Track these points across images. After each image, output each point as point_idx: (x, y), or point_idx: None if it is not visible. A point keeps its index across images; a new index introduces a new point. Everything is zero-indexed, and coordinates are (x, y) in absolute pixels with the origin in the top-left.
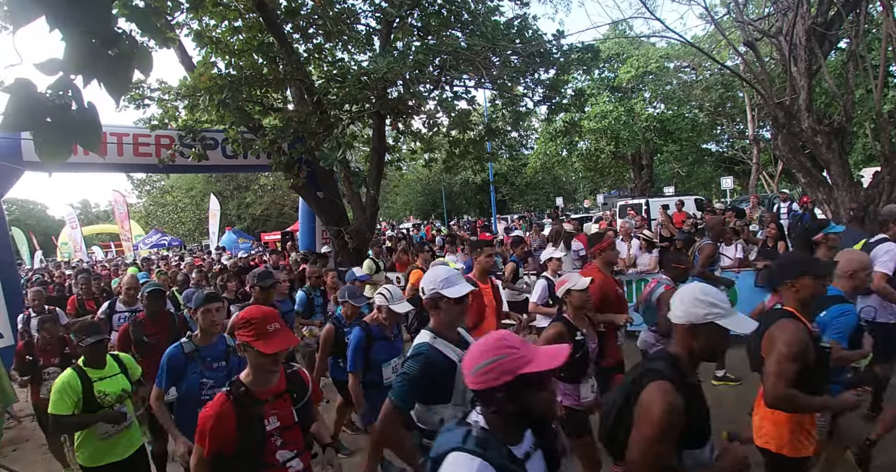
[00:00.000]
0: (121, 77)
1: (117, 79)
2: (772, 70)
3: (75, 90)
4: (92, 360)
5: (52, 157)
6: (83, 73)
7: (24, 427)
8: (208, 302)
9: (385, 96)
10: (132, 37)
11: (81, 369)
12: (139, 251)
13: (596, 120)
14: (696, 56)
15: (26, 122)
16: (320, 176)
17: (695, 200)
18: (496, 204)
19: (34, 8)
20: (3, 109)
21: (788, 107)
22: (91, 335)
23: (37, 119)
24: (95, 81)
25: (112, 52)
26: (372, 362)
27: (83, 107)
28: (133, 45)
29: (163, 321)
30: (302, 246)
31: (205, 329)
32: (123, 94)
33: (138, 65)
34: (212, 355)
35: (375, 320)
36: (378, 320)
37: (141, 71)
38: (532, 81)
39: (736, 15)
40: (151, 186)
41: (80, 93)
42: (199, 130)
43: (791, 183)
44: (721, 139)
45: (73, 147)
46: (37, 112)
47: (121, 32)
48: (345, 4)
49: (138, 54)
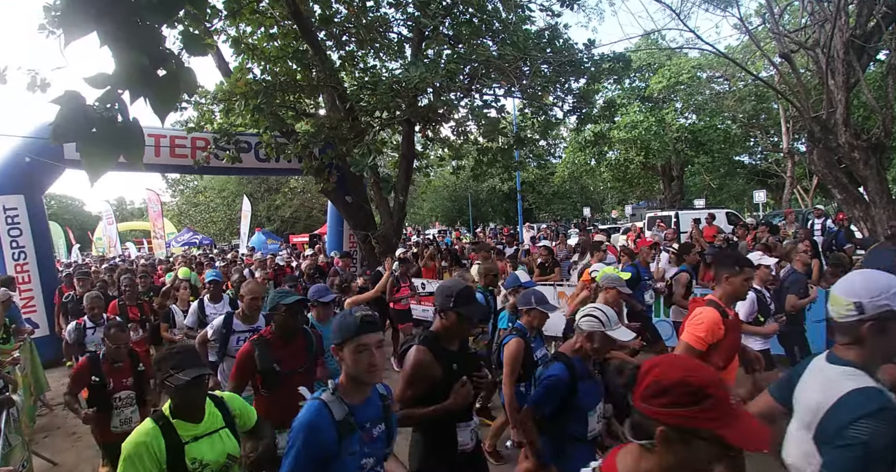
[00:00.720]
0: (168, 96)
1: (164, 98)
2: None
3: (122, 104)
4: (184, 408)
5: (96, 168)
6: (131, 90)
7: (55, 415)
8: (366, 331)
9: (415, 104)
10: (179, 58)
11: (167, 423)
12: (171, 248)
13: (626, 130)
14: (730, 67)
15: (74, 133)
16: (349, 181)
17: (726, 213)
18: (522, 212)
19: (87, 24)
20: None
21: (825, 121)
22: (188, 369)
23: (84, 130)
24: (142, 98)
25: (160, 72)
26: (575, 410)
27: (128, 121)
28: (180, 66)
29: (298, 344)
30: (329, 249)
31: (357, 377)
32: (169, 112)
33: (184, 85)
34: (370, 416)
35: (580, 351)
36: (584, 350)
37: (185, 91)
38: (562, 91)
39: (771, 26)
40: (185, 185)
41: (126, 107)
42: (234, 133)
43: (826, 198)
44: (754, 151)
45: (116, 159)
46: (84, 124)
47: (168, 53)
48: (378, 13)
49: (185, 75)
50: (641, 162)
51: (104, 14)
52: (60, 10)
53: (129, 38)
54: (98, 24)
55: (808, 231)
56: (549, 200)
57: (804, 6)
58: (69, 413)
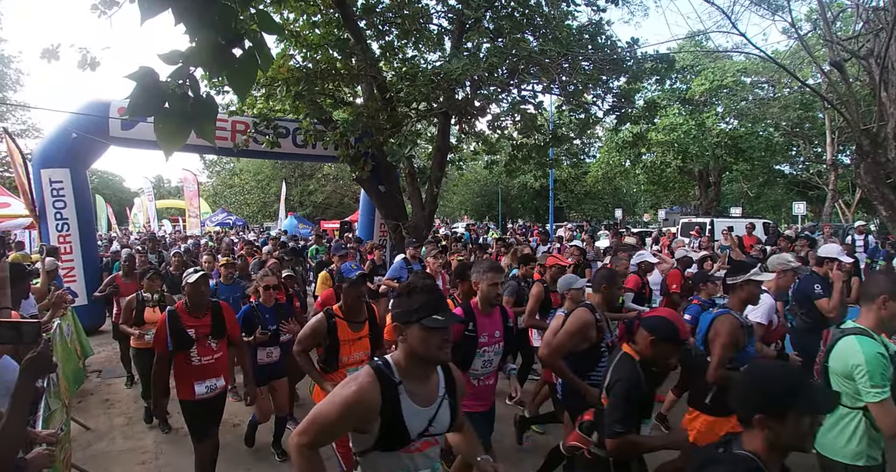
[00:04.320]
0: (246, 76)
1: (243, 77)
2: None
3: (193, 80)
4: None
5: (170, 142)
6: (208, 68)
7: (89, 381)
8: None
9: (453, 96)
10: (260, 37)
11: None
12: (206, 228)
13: (664, 132)
14: (776, 72)
15: (149, 108)
16: (383, 170)
17: (763, 223)
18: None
19: (164, 2)
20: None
21: (875, 134)
22: None
23: (157, 106)
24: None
25: (236, 52)
26: None
27: (200, 96)
28: (260, 46)
29: None
30: (361, 236)
31: None
32: (248, 91)
33: (262, 65)
34: None
35: None
36: None
37: (262, 69)
38: (602, 89)
39: (823, 32)
40: (221, 167)
41: (198, 82)
42: (273, 118)
43: (868, 213)
44: (796, 161)
45: (188, 133)
46: (157, 99)
47: (245, 32)
48: (420, 4)
49: (264, 55)
50: (678, 166)
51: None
52: None
53: (203, 15)
54: (174, 0)
55: (850, 247)
56: (581, 200)
57: (858, 13)
58: (103, 380)
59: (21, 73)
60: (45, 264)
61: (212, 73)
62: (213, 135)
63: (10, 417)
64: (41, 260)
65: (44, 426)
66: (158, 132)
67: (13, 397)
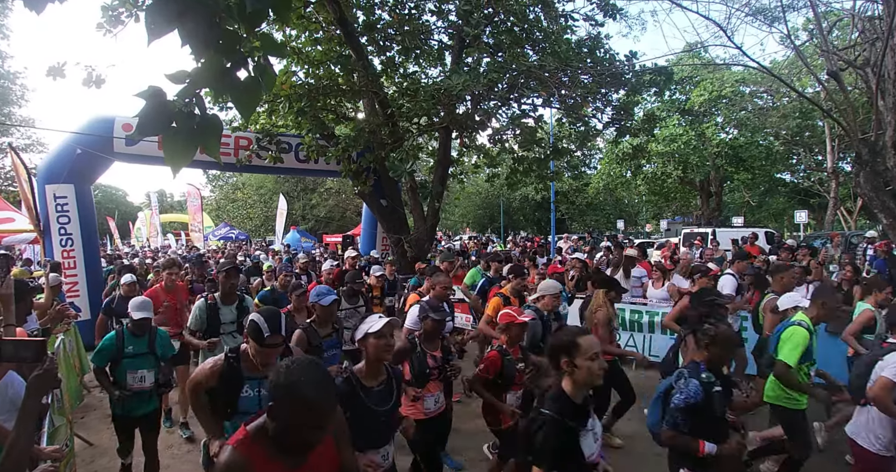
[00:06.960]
0: (250, 98)
1: (246, 99)
2: (855, 100)
3: (199, 99)
4: None
5: (178, 159)
6: (216, 89)
7: (92, 396)
8: None
9: (454, 111)
10: (266, 61)
11: None
12: (209, 242)
13: (664, 143)
14: (775, 82)
15: (158, 127)
16: (385, 185)
17: (765, 232)
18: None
19: (171, 24)
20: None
21: (873, 143)
22: None
23: (165, 125)
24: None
25: (241, 74)
26: None
27: (206, 114)
28: (263, 69)
29: None
30: (363, 250)
31: None
32: (252, 112)
33: (265, 87)
34: None
35: None
36: None
37: (266, 91)
38: (602, 102)
39: (820, 42)
40: (224, 181)
41: (203, 100)
42: (276, 134)
43: (871, 220)
44: (797, 170)
45: (195, 151)
46: (165, 118)
47: (248, 55)
48: (420, 21)
49: (267, 77)
50: (679, 176)
51: (186, 13)
52: (146, 8)
53: (208, 38)
54: (180, 23)
55: (851, 256)
56: (583, 212)
57: (854, 23)
58: (105, 395)
59: (27, 89)
60: (48, 280)
61: (217, 93)
62: (218, 152)
63: (18, 433)
64: (45, 275)
65: (48, 442)
66: (166, 151)
67: (20, 414)
